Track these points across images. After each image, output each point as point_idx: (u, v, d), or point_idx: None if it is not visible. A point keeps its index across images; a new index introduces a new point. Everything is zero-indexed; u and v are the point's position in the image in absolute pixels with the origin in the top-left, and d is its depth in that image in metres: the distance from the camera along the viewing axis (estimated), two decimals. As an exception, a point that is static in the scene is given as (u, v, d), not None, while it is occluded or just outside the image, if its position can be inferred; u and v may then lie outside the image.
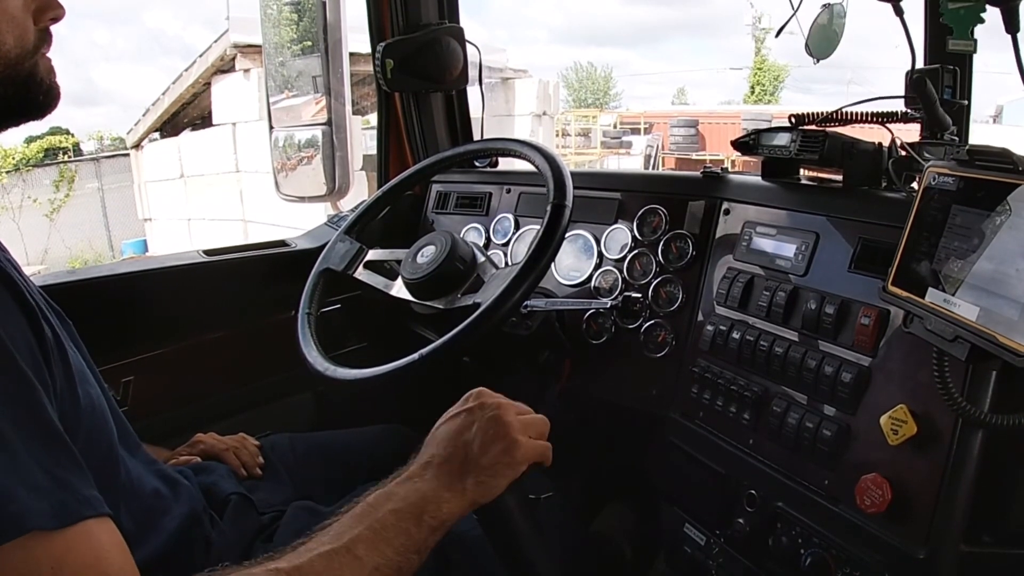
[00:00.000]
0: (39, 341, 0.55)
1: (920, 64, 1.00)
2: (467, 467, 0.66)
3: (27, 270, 0.71)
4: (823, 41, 0.96)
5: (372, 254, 1.16)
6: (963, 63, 1.04)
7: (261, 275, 1.41)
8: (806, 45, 0.96)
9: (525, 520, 0.72)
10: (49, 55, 0.64)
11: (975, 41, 0.93)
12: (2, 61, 0.59)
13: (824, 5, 0.95)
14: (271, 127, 1.56)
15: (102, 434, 0.66)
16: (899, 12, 0.91)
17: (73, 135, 11.77)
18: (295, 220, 3.90)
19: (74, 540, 0.49)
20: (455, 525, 0.69)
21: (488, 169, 1.50)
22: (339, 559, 0.56)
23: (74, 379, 0.60)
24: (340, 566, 0.55)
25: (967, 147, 0.68)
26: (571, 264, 1.23)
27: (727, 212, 1.06)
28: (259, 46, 1.75)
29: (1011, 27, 0.86)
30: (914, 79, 0.88)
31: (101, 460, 0.64)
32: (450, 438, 0.69)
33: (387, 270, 1.17)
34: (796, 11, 0.89)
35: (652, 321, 1.10)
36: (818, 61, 0.98)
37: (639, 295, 1.12)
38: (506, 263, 1.30)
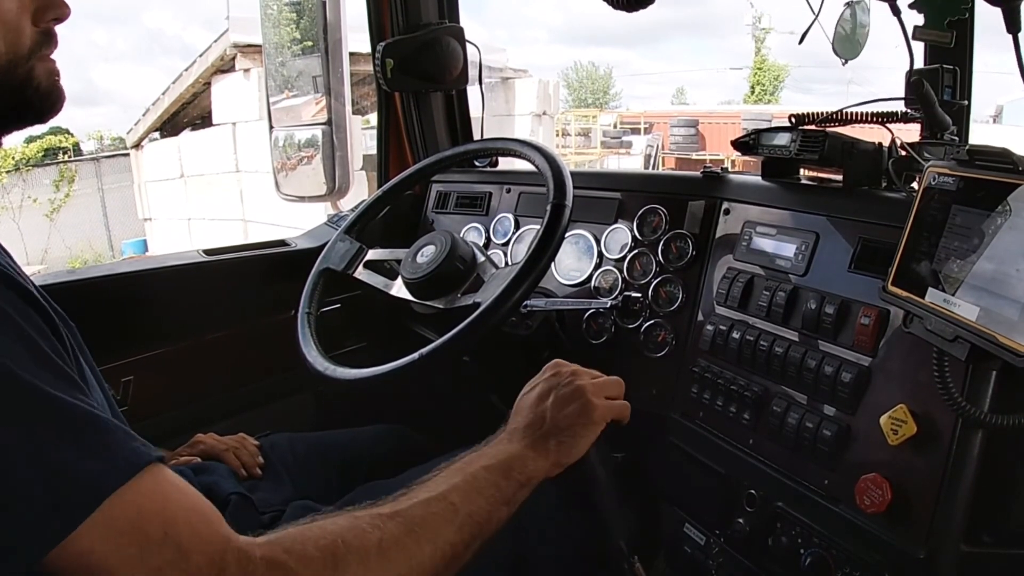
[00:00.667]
0: (56, 337, 0.55)
1: (921, 64, 1.00)
2: (548, 430, 0.72)
3: (27, 270, 0.70)
4: (848, 43, 0.96)
5: (372, 254, 1.16)
6: (963, 63, 1.04)
7: (261, 275, 1.41)
8: (832, 47, 0.96)
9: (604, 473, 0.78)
10: (53, 57, 0.61)
11: (950, 33, 0.92)
12: None
13: (846, 4, 0.95)
14: (271, 127, 1.56)
15: None
16: (896, 12, 0.91)
17: (73, 135, 11.77)
18: (295, 220, 3.90)
19: (152, 482, 0.49)
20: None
21: (488, 169, 1.50)
22: (436, 505, 0.60)
23: (86, 382, 0.60)
24: (437, 511, 0.60)
25: (967, 147, 0.68)
26: (571, 264, 1.23)
27: (727, 212, 1.06)
28: (259, 46, 1.75)
29: (1012, 27, 0.86)
30: (911, 80, 0.88)
31: None
32: (530, 406, 0.75)
33: (387, 270, 1.17)
34: (817, 16, 0.89)
35: (652, 321, 1.10)
36: (846, 62, 0.98)
37: (639, 295, 1.12)
38: (506, 263, 1.30)
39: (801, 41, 0.96)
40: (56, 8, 0.60)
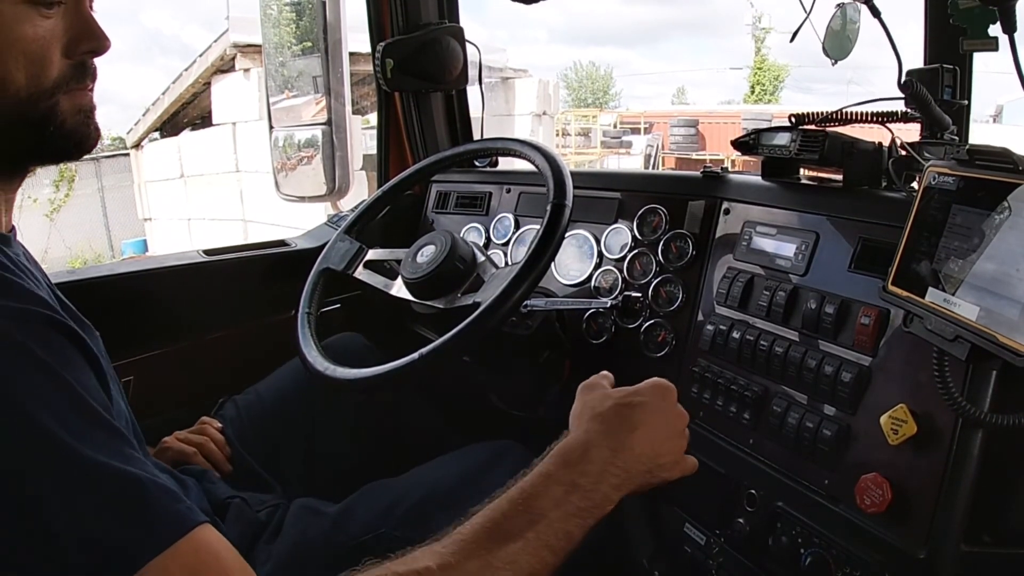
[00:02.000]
0: (95, 371, 0.54)
1: (914, 64, 1.00)
2: (649, 477, 0.70)
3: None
4: (838, 42, 0.96)
5: (372, 254, 1.16)
6: (963, 63, 1.04)
7: (261, 275, 1.41)
8: (823, 47, 0.96)
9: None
10: (89, 92, 0.57)
11: (995, 39, 0.92)
12: (10, 100, 0.52)
13: (837, 5, 0.95)
14: (271, 127, 1.56)
15: None
16: (875, 13, 0.91)
17: (73, 135, 11.74)
18: (295, 220, 3.90)
19: (190, 548, 0.48)
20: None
21: (488, 169, 1.50)
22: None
23: (111, 394, 0.59)
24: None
25: (967, 147, 0.68)
26: (571, 264, 1.23)
27: (727, 212, 1.06)
28: (259, 46, 1.75)
29: (1007, 27, 0.86)
30: (903, 81, 0.88)
31: None
32: (647, 442, 0.72)
33: (387, 270, 1.17)
34: (809, 14, 0.89)
35: (652, 321, 1.10)
36: (836, 62, 0.98)
37: (639, 295, 1.12)
38: (506, 263, 1.30)
39: (792, 40, 0.96)
40: (93, 40, 0.56)
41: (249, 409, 1.09)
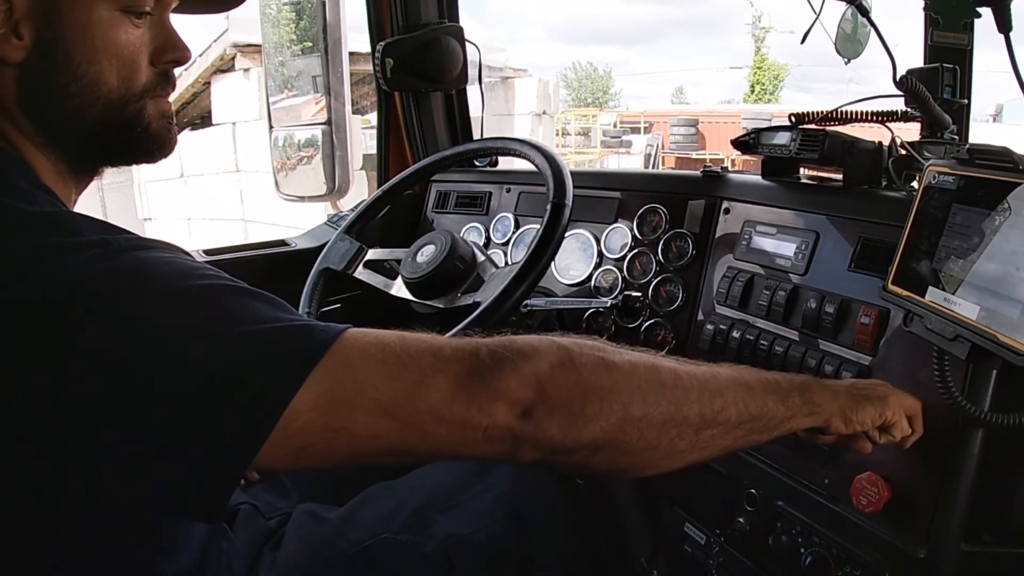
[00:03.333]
0: None
1: (916, 64, 1.00)
2: (841, 387, 0.68)
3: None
4: (850, 44, 0.96)
5: (372, 253, 1.16)
6: (963, 62, 1.04)
7: (261, 275, 1.40)
8: (835, 47, 0.96)
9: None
10: (168, 100, 0.61)
11: (970, 35, 0.92)
12: (102, 101, 0.56)
13: (848, 4, 0.95)
14: (271, 127, 1.55)
15: None
16: (864, 13, 0.91)
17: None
18: (295, 220, 3.90)
19: (360, 333, 0.51)
20: (459, 529, 0.72)
21: (488, 168, 1.50)
22: (720, 370, 0.60)
23: None
24: (720, 376, 0.59)
25: (967, 146, 0.68)
26: (571, 263, 1.23)
27: (727, 211, 1.06)
28: (259, 46, 1.75)
29: (1003, 26, 0.86)
30: (900, 78, 0.88)
31: None
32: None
33: (387, 269, 1.17)
34: (819, 15, 0.89)
35: (652, 320, 1.10)
36: (848, 61, 0.98)
37: (639, 294, 1.12)
38: (506, 262, 1.30)
39: (803, 41, 0.96)
40: (176, 50, 0.60)
41: None
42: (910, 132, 0.97)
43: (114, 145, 0.59)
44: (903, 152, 0.91)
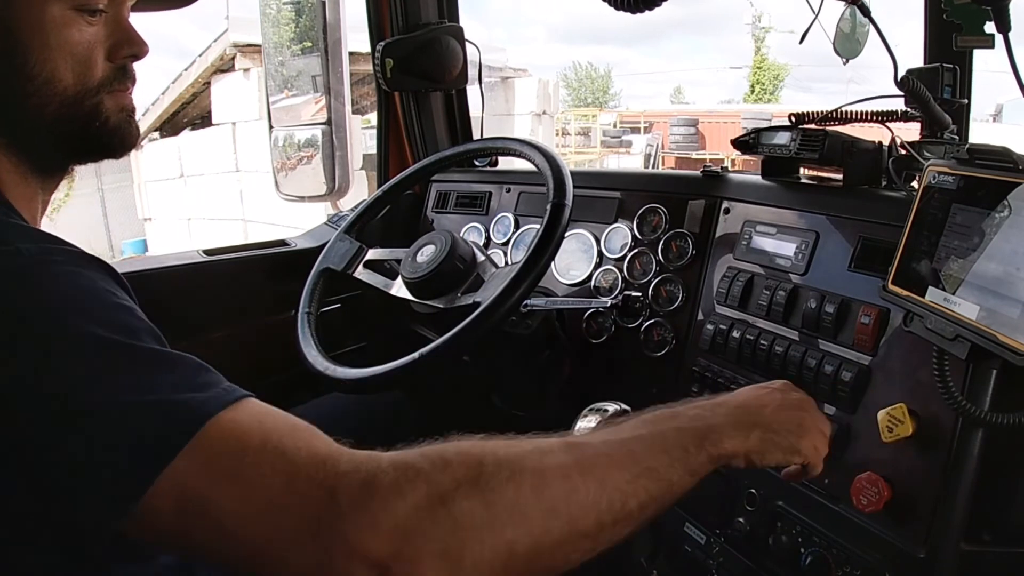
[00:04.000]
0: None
1: (916, 64, 1.00)
2: (758, 420, 0.64)
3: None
4: (849, 44, 0.96)
5: (372, 253, 1.16)
6: (963, 62, 1.04)
7: (261, 275, 1.40)
8: (834, 47, 0.96)
9: None
10: (130, 95, 0.61)
11: (992, 36, 0.91)
12: (58, 98, 0.57)
13: (846, 4, 0.95)
14: (271, 126, 1.56)
15: None
16: (866, 12, 0.91)
17: (73, 135, 11.76)
18: (295, 220, 3.90)
19: (244, 414, 0.48)
20: None
21: (488, 168, 1.50)
22: (614, 448, 0.55)
23: None
24: (613, 454, 0.54)
25: (967, 146, 0.68)
26: (571, 263, 1.23)
27: (727, 211, 1.06)
28: (259, 45, 1.75)
29: (1001, 26, 0.86)
30: (901, 78, 0.88)
31: None
32: (748, 392, 0.68)
33: (387, 269, 1.17)
34: (817, 15, 0.89)
35: (652, 320, 1.10)
36: (847, 61, 0.98)
37: (639, 294, 1.12)
38: (506, 262, 1.30)
39: (802, 41, 0.96)
40: (133, 45, 0.60)
41: None
42: (910, 132, 0.97)
43: (74, 141, 0.60)
44: (903, 152, 0.91)
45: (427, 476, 0.45)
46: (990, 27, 0.92)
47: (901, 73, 0.88)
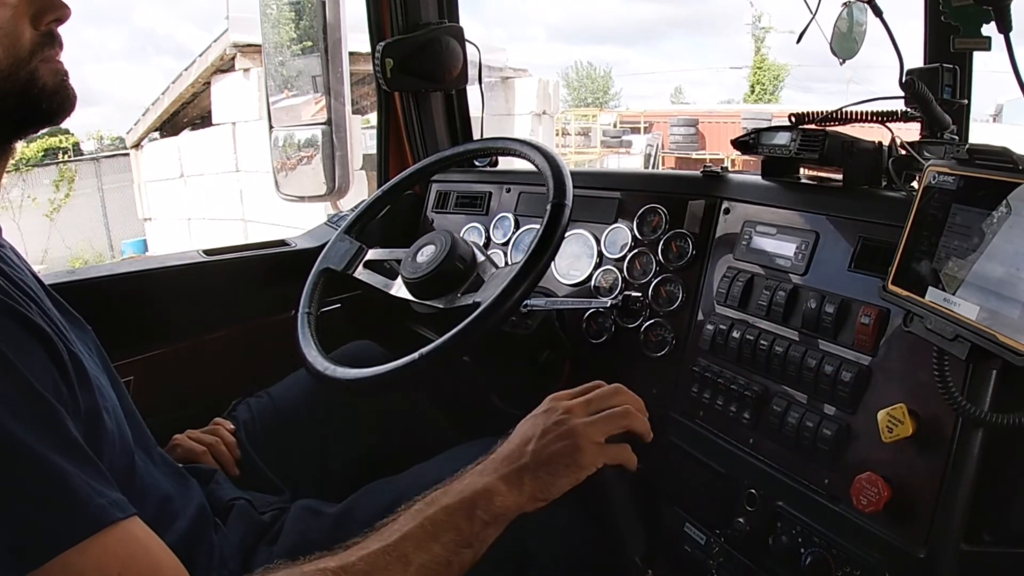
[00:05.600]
0: (58, 367, 0.55)
1: (915, 64, 1.00)
2: (525, 464, 0.67)
3: (27, 270, 0.70)
4: (846, 43, 0.96)
5: (372, 253, 1.16)
6: (963, 62, 1.04)
7: (261, 275, 1.40)
8: (831, 47, 0.96)
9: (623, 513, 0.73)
10: (59, 59, 0.61)
11: (988, 39, 0.91)
12: None
13: (844, 4, 0.95)
14: (271, 127, 1.56)
15: (122, 439, 0.66)
16: (878, 12, 0.91)
17: (73, 135, 11.77)
18: (295, 220, 3.90)
19: (115, 542, 0.49)
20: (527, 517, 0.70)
21: (488, 168, 1.50)
22: (385, 558, 0.57)
23: (95, 393, 0.60)
24: (385, 564, 0.56)
25: (967, 146, 0.68)
26: (571, 263, 1.23)
27: (727, 211, 1.06)
28: (259, 45, 1.75)
29: (1003, 27, 0.86)
30: (904, 80, 0.88)
31: (120, 465, 0.64)
32: (516, 436, 0.71)
33: (387, 269, 1.17)
34: (815, 15, 0.89)
35: (652, 320, 1.10)
36: (844, 61, 0.98)
37: (639, 294, 1.12)
38: (506, 262, 1.30)
39: (799, 41, 0.96)
40: (54, 9, 0.60)
41: (262, 412, 1.09)
42: (910, 132, 0.97)
43: (15, 113, 0.60)
44: (903, 152, 0.91)
45: None
46: (987, 29, 0.92)
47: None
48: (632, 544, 0.76)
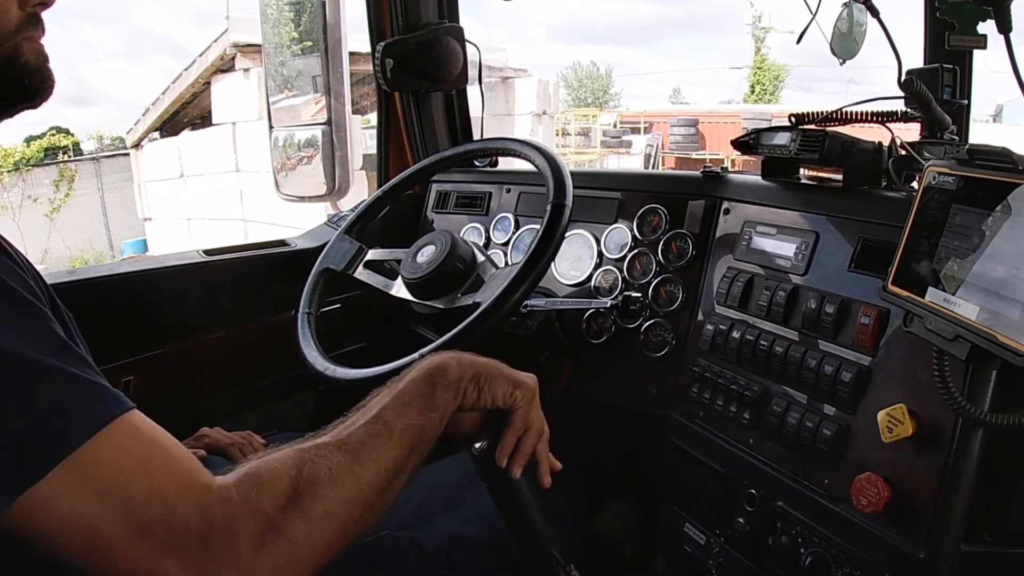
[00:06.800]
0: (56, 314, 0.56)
1: (915, 64, 1.00)
2: (480, 358, 0.72)
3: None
4: (846, 44, 0.96)
5: (372, 254, 1.16)
6: (963, 62, 1.04)
7: (261, 275, 1.40)
8: (831, 47, 0.96)
9: (538, 507, 0.74)
10: (41, 42, 0.62)
11: (984, 36, 0.92)
12: None
13: (844, 5, 0.95)
14: (271, 127, 1.56)
15: None
16: (874, 13, 0.91)
17: (73, 135, 11.77)
18: (295, 220, 3.90)
19: (123, 432, 0.51)
20: (460, 528, 0.71)
21: (488, 169, 1.50)
22: (372, 427, 0.62)
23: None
24: (374, 432, 0.62)
25: (967, 146, 0.68)
26: (571, 264, 1.23)
27: (727, 211, 1.06)
28: (259, 45, 1.75)
29: (1003, 27, 0.86)
30: (903, 80, 0.88)
31: None
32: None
33: (387, 270, 1.17)
34: (815, 15, 0.89)
35: (652, 321, 1.10)
36: (844, 62, 0.98)
37: (639, 295, 1.12)
38: (506, 263, 1.30)
39: (799, 41, 0.96)
40: None
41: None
42: (910, 132, 0.97)
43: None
44: (903, 152, 0.91)
45: (255, 509, 0.52)
46: (984, 27, 0.92)
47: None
48: (547, 539, 0.76)
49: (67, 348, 0.52)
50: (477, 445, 0.74)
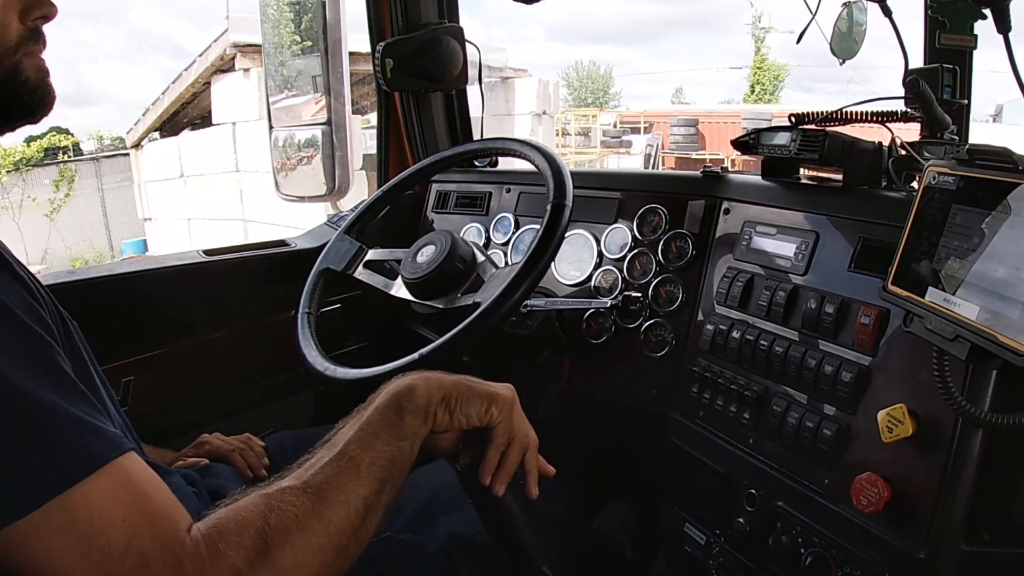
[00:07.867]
0: (58, 327, 0.56)
1: (918, 63, 1.00)
2: (449, 376, 0.70)
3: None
4: (846, 43, 0.96)
5: (372, 254, 1.16)
6: (963, 62, 1.04)
7: (261, 275, 1.41)
8: (831, 47, 0.96)
9: (526, 522, 0.73)
10: (42, 56, 0.62)
11: (975, 37, 0.92)
12: None
13: (844, 5, 0.95)
14: (271, 127, 1.56)
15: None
16: (887, 12, 0.91)
17: (73, 135, 11.77)
18: (295, 220, 3.90)
19: (114, 477, 0.50)
20: (462, 530, 0.71)
21: (488, 169, 1.50)
22: (337, 464, 0.60)
23: (92, 382, 0.60)
24: (339, 470, 0.59)
25: (967, 146, 0.68)
26: (571, 264, 1.23)
27: (727, 211, 1.06)
28: (259, 45, 1.75)
29: (1002, 27, 0.86)
30: (908, 80, 0.88)
31: None
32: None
33: (387, 270, 1.17)
34: (815, 15, 0.89)
35: (652, 321, 1.10)
36: (843, 61, 0.98)
37: (639, 295, 1.12)
38: (506, 263, 1.30)
39: (799, 41, 0.96)
40: (43, 6, 0.60)
41: (283, 441, 1.08)
42: (910, 132, 0.97)
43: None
44: (903, 152, 0.91)
45: (224, 565, 0.51)
46: (979, 27, 0.92)
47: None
48: (537, 555, 0.75)
49: (70, 384, 0.52)
50: (461, 462, 0.71)
